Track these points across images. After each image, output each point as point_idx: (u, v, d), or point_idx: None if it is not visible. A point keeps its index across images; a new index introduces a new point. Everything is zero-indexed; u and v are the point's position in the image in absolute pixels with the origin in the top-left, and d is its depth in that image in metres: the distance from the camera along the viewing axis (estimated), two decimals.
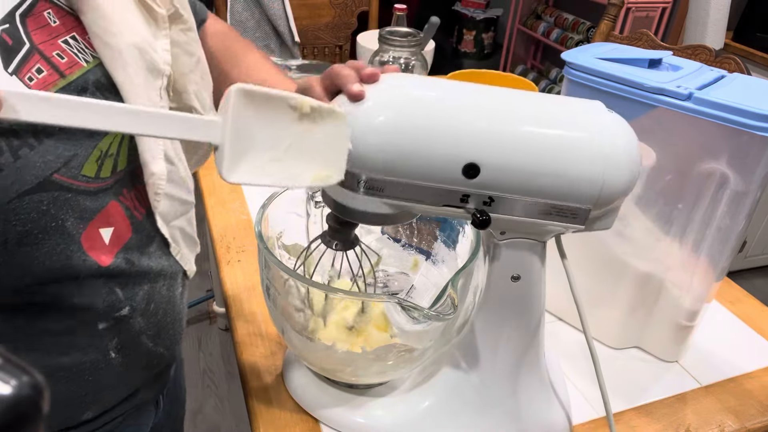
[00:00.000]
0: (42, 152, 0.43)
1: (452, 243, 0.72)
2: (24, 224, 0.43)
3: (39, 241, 0.45)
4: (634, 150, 0.51)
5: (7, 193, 0.41)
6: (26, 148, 0.42)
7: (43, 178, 0.43)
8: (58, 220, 0.45)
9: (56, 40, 0.47)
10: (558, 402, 0.68)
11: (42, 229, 0.44)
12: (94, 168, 0.48)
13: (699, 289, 0.74)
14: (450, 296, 0.54)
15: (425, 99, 0.50)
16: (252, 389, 0.70)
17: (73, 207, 0.46)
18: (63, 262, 0.47)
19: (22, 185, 0.42)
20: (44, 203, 0.44)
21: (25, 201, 0.43)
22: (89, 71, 0.48)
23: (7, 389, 0.20)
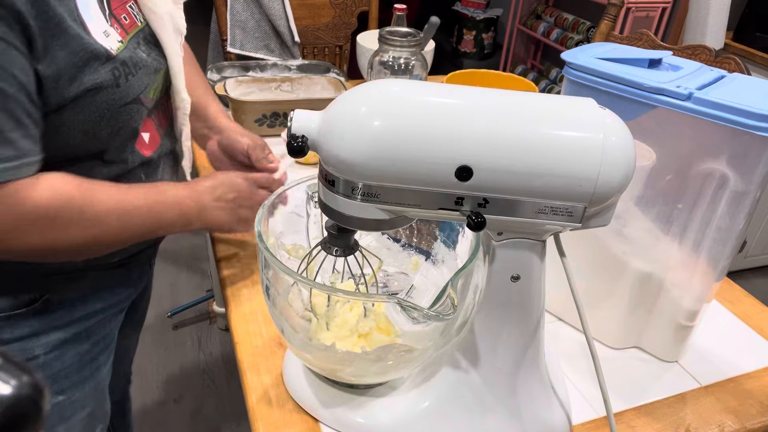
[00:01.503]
0: (137, 79, 0.69)
1: (452, 243, 0.73)
2: (122, 122, 0.69)
3: (124, 134, 0.71)
4: (629, 146, 0.51)
5: (120, 101, 0.67)
6: (131, 75, 0.68)
7: (136, 95, 0.69)
8: (134, 123, 0.71)
9: (125, 4, 0.71)
10: (558, 402, 0.68)
11: (127, 127, 0.70)
12: (151, 93, 0.74)
13: (699, 289, 0.74)
14: (450, 296, 0.55)
15: (417, 104, 0.50)
16: (252, 389, 0.70)
17: (141, 116, 0.72)
18: (129, 149, 0.73)
19: (127, 98, 0.68)
20: (133, 111, 0.70)
21: (126, 108, 0.68)
22: (141, 30, 0.72)
23: (7, 389, 0.20)
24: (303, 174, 0.80)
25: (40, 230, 0.61)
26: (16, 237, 0.60)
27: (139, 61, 0.68)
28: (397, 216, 0.53)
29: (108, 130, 0.67)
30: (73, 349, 0.78)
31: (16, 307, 0.71)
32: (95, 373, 0.83)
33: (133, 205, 0.68)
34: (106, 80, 0.63)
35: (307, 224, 0.73)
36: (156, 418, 1.70)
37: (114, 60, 0.64)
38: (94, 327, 0.81)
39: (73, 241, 0.64)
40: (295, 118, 0.51)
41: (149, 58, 0.71)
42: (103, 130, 0.66)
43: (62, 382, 0.79)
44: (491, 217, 0.52)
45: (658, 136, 0.68)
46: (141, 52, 0.70)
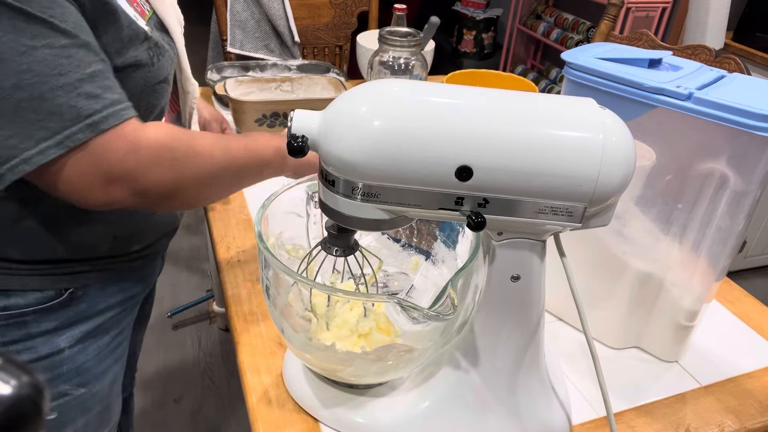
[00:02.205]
0: (166, 59, 0.73)
1: (452, 243, 0.73)
2: (155, 100, 0.73)
3: (156, 112, 0.74)
4: (629, 146, 0.51)
5: (155, 79, 0.71)
6: (161, 56, 0.71)
7: (165, 76, 0.73)
8: (163, 101, 0.76)
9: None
10: (558, 402, 0.68)
11: (158, 105, 0.74)
12: (173, 74, 0.78)
13: (699, 289, 0.74)
14: (450, 296, 0.55)
15: (417, 104, 0.50)
16: (252, 389, 0.70)
17: (166, 96, 0.77)
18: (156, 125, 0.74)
19: (159, 77, 0.72)
20: (163, 90, 0.74)
21: (158, 87, 0.72)
22: (151, 17, 0.74)
23: (7, 389, 0.20)
24: None
25: (163, 165, 0.64)
26: (144, 175, 0.62)
27: (162, 45, 0.72)
28: (397, 216, 0.53)
29: (145, 107, 0.70)
30: (94, 342, 0.80)
31: (44, 301, 0.72)
32: (113, 365, 0.85)
33: (231, 143, 0.71)
34: (144, 58, 0.67)
35: (307, 224, 0.73)
36: (156, 418, 1.70)
37: (149, 40, 0.68)
38: (113, 320, 0.83)
39: (193, 175, 0.66)
40: (295, 118, 0.51)
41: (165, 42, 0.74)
42: (141, 107, 0.67)
43: (84, 375, 0.80)
44: (491, 217, 0.52)
45: (658, 136, 0.68)
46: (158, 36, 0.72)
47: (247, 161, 0.73)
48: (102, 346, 0.82)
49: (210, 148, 0.68)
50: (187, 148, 0.66)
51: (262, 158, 0.74)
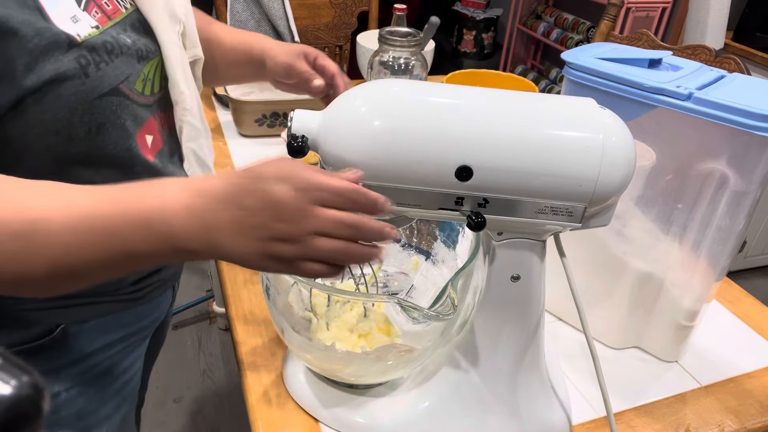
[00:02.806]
0: (113, 68, 0.58)
1: (452, 243, 0.73)
2: (102, 118, 0.58)
3: (109, 133, 0.60)
4: (629, 146, 0.51)
5: (92, 93, 0.57)
6: (104, 63, 0.57)
7: (114, 86, 0.59)
8: (122, 120, 0.60)
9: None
10: (558, 402, 0.68)
11: (112, 124, 0.59)
12: (141, 85, 0.63)
13: (699, 289, 0.74)
14: (450, 296, 0.55)
15: (417, 104, 0.50)
16: (252, 389, 0.70)
17: (130, 112, 0.61)
18: (124, 152, 0.62)
19: (102, 89, 0.57)
20: (114, 104, 0.59)
21: (103, 100, 0.58)
22: (127, 16, 0.63)
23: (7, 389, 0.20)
24: None
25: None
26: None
27: (117, 48, 0.59)
28: (397, 216, 0.53)
29: (84, 127, 0.57)
30: (95, 383, 0.70)
31: (30, 340, 0.63)
32: (121, 407, 0.76)
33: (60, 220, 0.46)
34: (70, 69, 0.54)
35: None
36: (156, 418, 1.70)
37: (79, 47, 0.55)
38: (116, 358, 0.73)
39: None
40: (295, 118, 0.51)
41: (134, 45, 0.62)
42: (78, 128, 0.57)
43: (87, 419, 0.71)
44: (491, 217, 0.52)
45: (658, 136, 0.68)
46: (125, 37, 0.61)
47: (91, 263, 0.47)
48: (105, 387, 0.72)
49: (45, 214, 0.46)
50: None
51: (131, 250, 0.47)
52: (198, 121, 0.72)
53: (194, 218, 0.46)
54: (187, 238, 0.46)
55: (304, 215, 0.45)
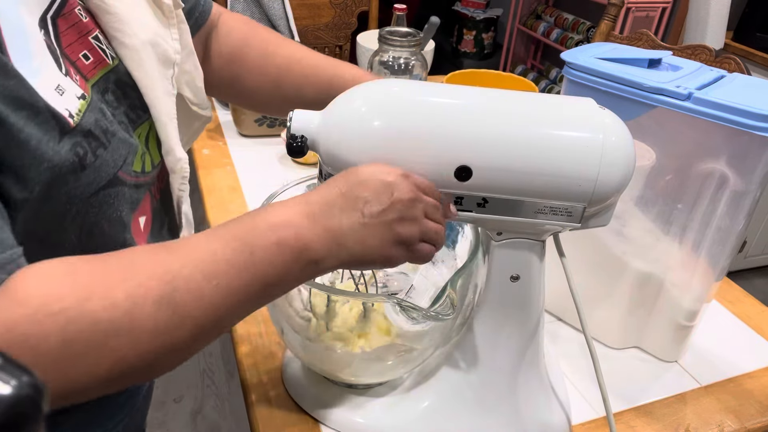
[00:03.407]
0: (111, 152, 0.47)
1: (452, 243, 0.73)
2: (96, 216, 0.47)
3: (103, 231, 0.49)
4: (628, 146, 0.51)
5: (88, 189, 0.45)
6: (101, 149, 0.45)
7: (113, 175, 0.47)
8: (118, 212, 0.50)
9: (87, 37, 0.49)
10: (558, 402, 0.68)
11: (107, 220, 0.48)
12: (140, 164, 0.52)
13: (699, 289, 0.74)
14: (449, 296, 0.55)
15: (417, 104, 0.50)
16: (252, 389, 0.70)
17: (127, 200, 0.51)
18: (119, 247, 0.47)
19: (99, 182, 0.46)
20: (111, 197, 0.48)
21: (99, 195, 0.46)
22: (111, 71, 0.51)
23: (7, 389, 0.20)
24: (303, 174, 0.80)
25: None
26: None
27: (109, 124, 0.47)
28: None
29: (76, 231, 0.46)
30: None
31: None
32: None
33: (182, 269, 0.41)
34: (66, 163, 0.42)
35: None
36: (156, 418, 1.70)
37: (73, 132, 0.42)
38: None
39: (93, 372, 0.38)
40: (295, 118, 0.51)
41: (119, 109, 0.51)
42: (69, 232, 0.46)
43: None
44: (490, 217, 0.52)
45: (658, 136, 0.68)
46: (105, 106, 0.48)
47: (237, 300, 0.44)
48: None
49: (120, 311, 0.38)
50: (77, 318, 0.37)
51: (268, 279, 0.44)
52: (187, 179, 0.62)
53: (319, 225, 0.45)
54: (317, 246, 0.45)
55: (416, 196, 0.48)
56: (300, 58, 0.74)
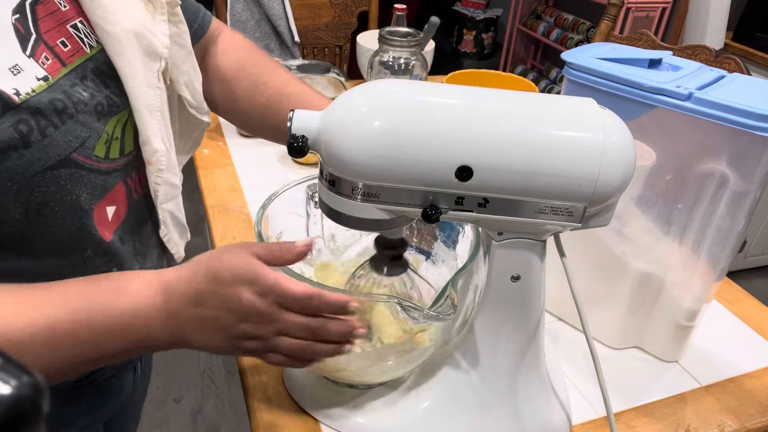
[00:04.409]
0: (63, 132, 0.47)
1: (452, 243, 0.72)
2: (44, 196, 0.47)
3: (55, 213, 0.48)
4: (629, 146, 0.51)
5: (33, 167, 0.45)
6: (51, 128, 0.46)
7: (63, 156, 0.47)
8: (73, 195, 0.49)
9: (65, 25, 0.51)
10: (558, 402, 0.68)
11: (58, 202, 0.48)
12: (103, 149, 0.52)
13: (699, 289, 0.74)
14: (450, 296, 0.55)
15: (417, 104, 0.50)
16: (252, 389, 0.70)
17: (86, 184, 0.50)
18: (74, 233, 0.50)
19: (47, 161, 0.46)
20: (62, 179, 0.48)
21: (47, 176, 0.46)
22: (90, 59, 0.52)
23: (7, 389, 0.20)
24: (303, 174, 0.80)
25: None
26: None
27: (70, 105, 0.48)
28: (397, 216, 0.53)
29: (20, 209, 0.46)
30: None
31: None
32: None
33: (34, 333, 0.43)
34: (4, 140, 0.43)
35: (307, 224, 0.73)
36: (156, 418, 1.70)
37: (18, 109, 0.43)
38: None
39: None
40: (295, 118, 0.51)
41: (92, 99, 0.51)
42: (10, 210, 0.45)
43: None
44: (491, 216, 0.52)
45: (658, 136, 0.68)
46: (81, 90, 0.50)
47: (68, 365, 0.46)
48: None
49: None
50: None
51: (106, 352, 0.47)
52: (176, 177, 0.62)
53: (170, 322, 0.47)
54: (159, 338, 0.48)
55: (267, 319, 0.48)
56: (290, 93, 0.74)
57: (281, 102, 0.74)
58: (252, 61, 0.76)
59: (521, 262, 0.57)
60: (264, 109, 0.75)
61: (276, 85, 0.75)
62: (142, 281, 0.48)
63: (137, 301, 0.47)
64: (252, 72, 0.75)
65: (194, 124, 0.71)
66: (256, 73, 0.75)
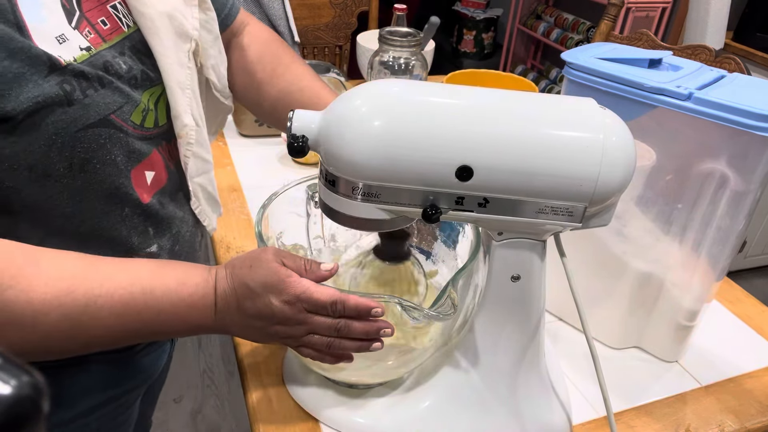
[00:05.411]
0: (103, 95, 0.52)
1: (452, 243, 0.73)
2: (86, 152, 0.52)
3: (96, 170, 0.53)
4: (629, 146, 0.51)
5: (76, 123, 0.50)
6: (91, 90, 0.51)
7: (103, 116, 0.52)
8: (112, 155, 0.54)
9: (105, 5, 0.56)
10: (558, 402, 0.68)
11: (99, 160, 0.53)
12: (139, 117, 0.57)
13: (699, 289, 0.74)
14: (450, 296, 0.55)
15: (417, 104, 0.50)
16: (252, 389, 0.70)
17: (123, 146, 0.55)
18: (112, 191, 0.55)
19: (88, 119, 0.51)
20: (102, 137, 0.53)
21: (89, 133, 0.51)
22: (127, 37, 0.57)
23: (7, 389, 0.20)
24: (303, 174, 0.80)
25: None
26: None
27: (110, 74, 0.53)
28: (397, 216, 0.53)
29: (65, 163, 0.51)
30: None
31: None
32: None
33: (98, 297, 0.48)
34: (50, 96, 0.48)
35: (307, 224, 0.73)
36: (156, 418, 1.70)
37: (63, 71, 0.49)
38: (103, 420, 0.68)
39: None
40: (295, 118, 0.51)
41: (130, 72, 0.56)
42: (56, 163, 0.50)
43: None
44: (491, 216, 0.52)
45: (658, 136, 0.68)
46: (120, 62, 0.55)
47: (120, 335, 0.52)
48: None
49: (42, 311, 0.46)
50: None
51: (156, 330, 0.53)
52: (206, 152, 0.67)
53: (218, 317, 0.54)
54: (208, 327, 0.55)
55: (296, 322, 0.53)
56: (302, 87, 0.77)
57: (292, 95, 0.77)
58: (271, 54, 0.79)
59: (521, 262, 0.57)
60: (276, 100, 0.78)
61: (290, 78, 0.77)
62: (200, 279, 0.53)
63: (194, 295, 0.53)
64: (269, 63, 0.78)
65: (219, 108, 0.75)
66: (273, 65, 0.78)
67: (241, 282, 0.53)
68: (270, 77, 0.78)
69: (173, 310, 0.52)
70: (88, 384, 0.64)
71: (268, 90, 0.78)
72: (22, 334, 0.46)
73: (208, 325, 0.54)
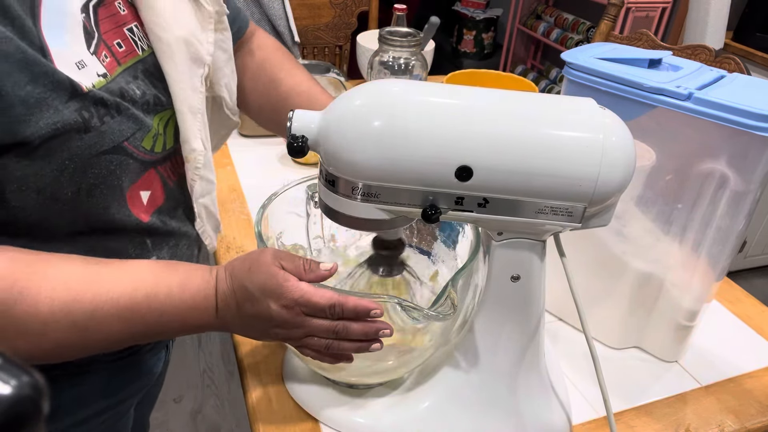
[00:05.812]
0: (119, 122, 0.52)
1: (452, 243, 0.73)
2: (96, 178, 0.52)
3: (102, 195, 0.54)
4: (629, 146, 0.51)
5: (90, 150, 0.50)
6: (108, 117, 0.51)
7: (117, 143, 0.53)
8: (118, 180, 0.54)
9: (122, 28, 0.57)
10: (558, 402, 0.68)
11: (107, 185, 0.54)
12: (150, 142, 0.57)
13: (699, 289, 0.74)
14: (450, 296, 0.55)
15: (417, 104, 0.50)
16: (252, 389, 0.70)
17: (130, 171, 0.56)
18: (114, 215, 0.56)
19: (102, 146, 0.51)
20: (113, 164, 0.53)
21: (101, 159, 0.52)
22: (141, 60, 0.58)
23: (7, 389, 0.20)
24: (303, 174, 0.80)
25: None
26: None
27: (125, 101, 0.54)
28: (397, 216, 0.53)
29: (72, 188, 0.51)
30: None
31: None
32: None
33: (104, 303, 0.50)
34: (69, 122, 0.48)
35: (307, 224, 0.73)
36: (156, 418, 1.70)
37: (83, 97, 0.49)
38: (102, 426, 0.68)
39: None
40: (295, 118, 0.51)
41: (143, 97, 0.56)
42: (65, 187, 0.50)
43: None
44: (491, 217, 0.52)
45: (658, 136, 0.68)
46: (134, 87, 0.56)
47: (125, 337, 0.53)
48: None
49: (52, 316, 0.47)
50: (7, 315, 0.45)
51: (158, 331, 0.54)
52: (212, 173, 0.67)
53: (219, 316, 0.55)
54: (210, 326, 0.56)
55: (294, 325, 0.54)
56: (301, 92, 0.78)
57: (291, 100, 0.78)
58: (272, 60, 0.81)
59: (521, 262, 0.57)
60: (275, 105, 0.79)
61: (290, 83, 0.78)
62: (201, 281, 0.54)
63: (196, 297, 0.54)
64: (270, 70, 0.80)
65: (225, 124, 0.75)
66: (274, 71, 0.79)
67: (240, 284, 0.53)
68: (271, 82, 0.79)
69: (176, 312, 0.53)
70: (84, 394, 0.64)
71: (269, 95, 0.79)
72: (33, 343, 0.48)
73: (210, 324, 0.55)
